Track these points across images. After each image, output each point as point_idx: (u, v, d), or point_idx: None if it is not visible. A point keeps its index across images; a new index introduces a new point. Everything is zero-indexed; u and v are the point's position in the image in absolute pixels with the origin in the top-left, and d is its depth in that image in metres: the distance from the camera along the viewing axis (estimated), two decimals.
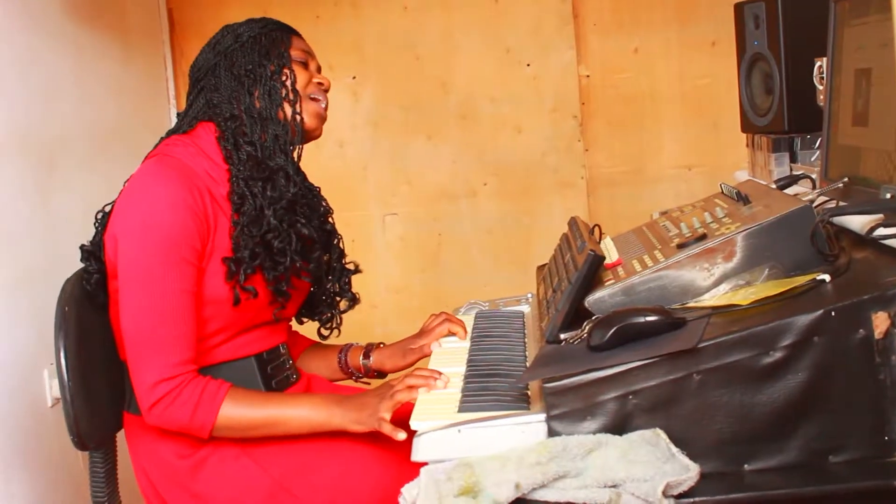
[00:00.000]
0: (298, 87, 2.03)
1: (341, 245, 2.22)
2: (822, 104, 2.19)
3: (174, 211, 1.86)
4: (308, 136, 2.07)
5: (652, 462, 1.36)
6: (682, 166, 3.85)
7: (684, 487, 1.35)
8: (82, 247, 2.05)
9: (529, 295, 2.27)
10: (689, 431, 1.42)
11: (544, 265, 2.18)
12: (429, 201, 3.89)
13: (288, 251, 1.97)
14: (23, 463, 2.45)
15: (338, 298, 2.22)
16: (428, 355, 2.05)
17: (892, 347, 1.39)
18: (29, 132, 2.61)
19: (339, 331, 2.25)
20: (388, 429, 1.76)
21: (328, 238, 2.17)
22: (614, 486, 1.36)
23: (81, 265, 2.06)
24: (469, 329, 2.09)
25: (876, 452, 1.41)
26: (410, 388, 1.77)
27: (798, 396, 1.40)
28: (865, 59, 1.88)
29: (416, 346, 2.13)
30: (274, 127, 2.00)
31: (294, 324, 2.27)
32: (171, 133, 2.06)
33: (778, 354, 1.40)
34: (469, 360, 1.86)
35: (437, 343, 2.08)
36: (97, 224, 2.05)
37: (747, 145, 2.78)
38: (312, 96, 2.06)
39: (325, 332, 2.26)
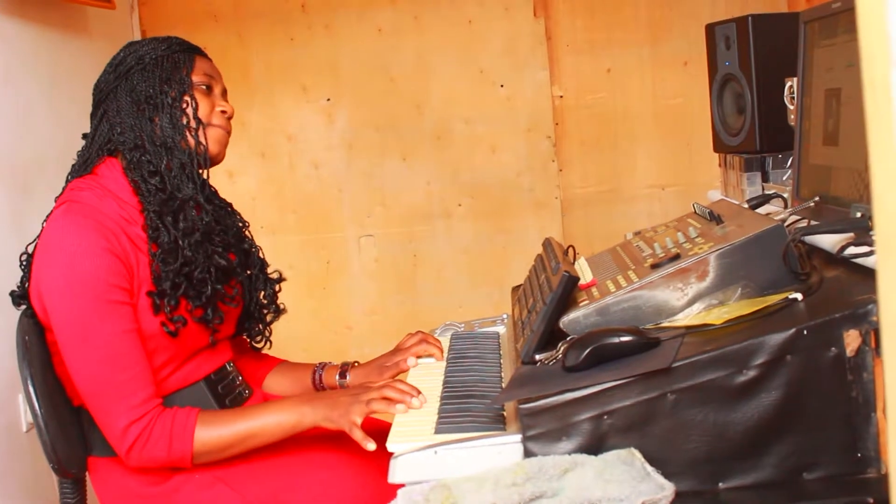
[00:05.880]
0: (201, 115, 1.99)
1: (261, 255, 2.19)
2: (792, 124, 2.21)
3: (93, 257, 1.82)
4: (212, 161, 2.03)
5: (627, 481, 1.36)
6: (656, 185, 3.87)
7: None
8: (12, 292, 2.00)
9: (505, 316, 2.27)
10: (664, 451, 1.42)
11: (519, 286, 2.18)
12: (404, 222, 3.89)
13: (208, 280, 1.96)
14: None
15: (265, 311, 2.21)
16: (404, 371, 2.05)
17: (864, 365, 1.40)
18: (2, 155, 2.59)
19: (271, 342, 2.25)
20: (358, 435, 1.75)
21: (247, 255, 2.16)
22: None
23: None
24: (445, 350, 2.09)
25: (849, 469, 1.42)
26: (387, 399, 1.76)
27: (772, 415, 1.41)
28: (835, 79, 1.90)
29: (392, 363, 2.12)
30: (179, 156, 1.96)
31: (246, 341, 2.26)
32: (75, 174, 2.01)
33: (751, 373, 1.41)
34: (445, 382, 1.86)
35: (412, 358, 2.06)
36: (23, 267, 2.00)
37: (720, 165, 2.79)
38: (216, 123, 2.03)
39: (257, 345, 2.25)
